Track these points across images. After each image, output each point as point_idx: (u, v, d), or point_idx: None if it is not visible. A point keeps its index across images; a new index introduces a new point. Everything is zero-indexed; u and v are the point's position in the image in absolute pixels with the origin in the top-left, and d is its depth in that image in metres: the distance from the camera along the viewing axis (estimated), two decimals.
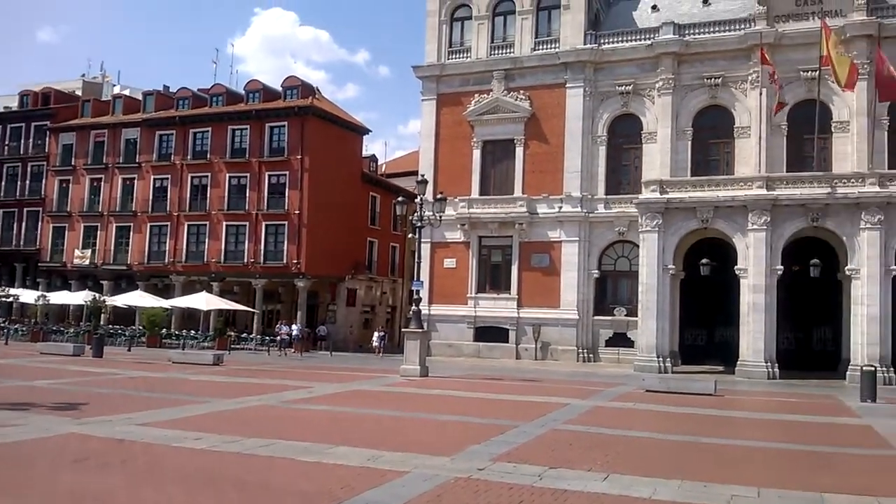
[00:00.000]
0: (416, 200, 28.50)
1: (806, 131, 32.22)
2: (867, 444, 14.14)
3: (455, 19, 40.02)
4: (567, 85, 36.79)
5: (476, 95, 38.36)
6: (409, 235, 31.74)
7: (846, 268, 28.90)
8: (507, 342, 36.53)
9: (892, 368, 27.23)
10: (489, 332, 36.96)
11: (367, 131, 52.35)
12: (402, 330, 31.07)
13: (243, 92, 49.46)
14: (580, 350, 35.24)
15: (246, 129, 46.83)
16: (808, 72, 32.37)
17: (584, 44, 36.53)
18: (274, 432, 12.49)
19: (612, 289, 36.38)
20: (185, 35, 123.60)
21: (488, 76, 38.15)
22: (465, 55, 39.32)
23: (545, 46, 37.74)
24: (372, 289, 51.23)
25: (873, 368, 22.05)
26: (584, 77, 36.42)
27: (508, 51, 38.34)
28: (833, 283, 30.77)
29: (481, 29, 39.03)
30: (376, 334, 40.75)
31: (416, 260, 29.32)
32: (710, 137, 35.20)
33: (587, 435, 14.07)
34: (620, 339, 34.88)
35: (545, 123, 37.11)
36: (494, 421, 15.28)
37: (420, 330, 26.61)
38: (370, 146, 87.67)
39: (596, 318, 35.63)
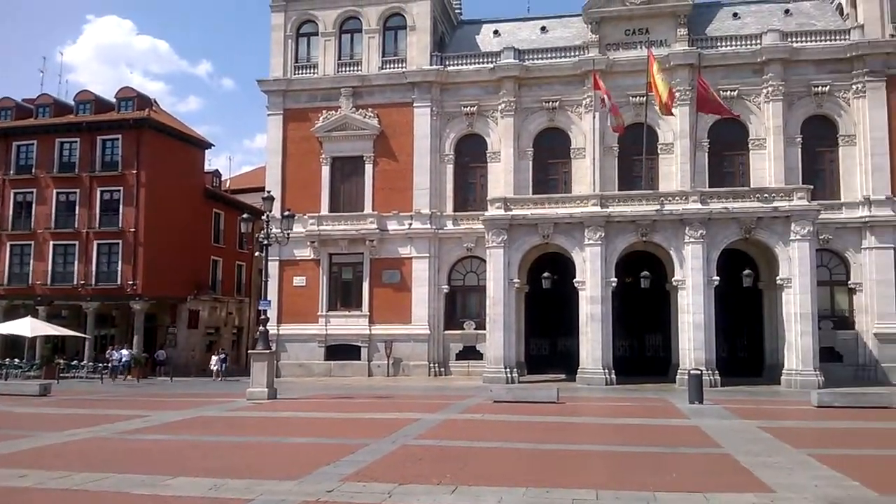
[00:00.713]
0: (262, 217, 27.77)
1: (635, 152, 34.48)
2: (695, 444, 15.21)
3: (301, 34, 39.57)
4: (415, 104, 37.32)
5: (324, 112, 38.05)
6: (257, 254, 30.84)
7: (673, 279, 31.12)
8: (359, 360, 36.28)
9: (716, 372, 29.52)
10: (341, 351, 36.56)
11: (209, 145, 50.54)
12: (249, 351, 30.08)
13: (73, 103, 46.27)
14: (432, 364, 35.63)
15: (76, 141, 43.79)
16: (636, 97, 34.69)
17: (430, 65, 37.23)
18: (106, 465, 11.67)
19: (461, 303, 37.11)
20: (7, 42, 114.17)
21: (336, 93, 37.97)
22: (312, 71, 38.93)
23: (392, 65, 38.12)
24: (216, 310, 49.31)
25: (699, 372, 23.82)
26: (431, 97, 37.10)
27: (356, 68, 38.37)
28: (662, 293, 33.03)
29: (328, 45, 38.83)
30: (214, 357, 38.94)
31: (263, 279, 28.57)
32: (550, 157, 36.84)
33: (438, 448, 14.20)
34: (470, 352, 35.60)
35: (394, 141, 37.43)
36: (345, 440, 15.10)
37: (267, 351, 25.90)
38: (214, 161, 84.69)
39: (447, 332, 36.18)
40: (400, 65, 37.90)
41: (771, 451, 13.66)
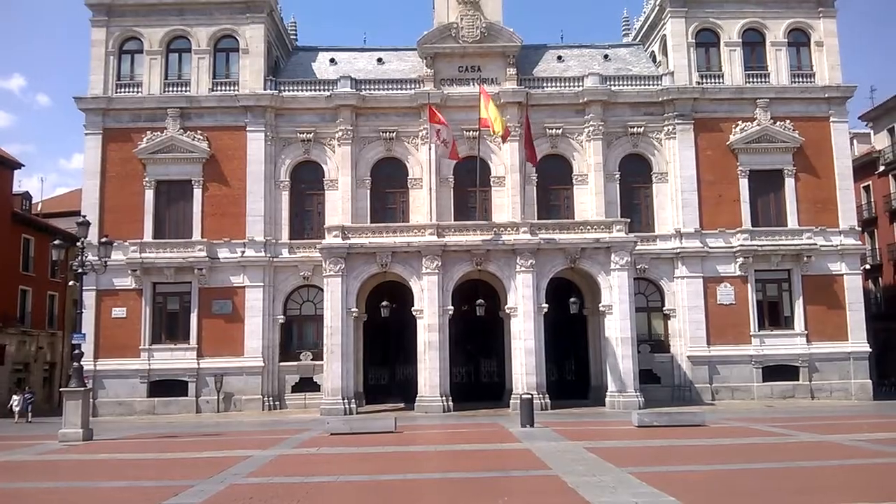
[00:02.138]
0: (78, 244, 25.68)
1: (469, 184, 35.46)
2: (526, 467, 15.60)
3: (124, 52, 37.35)
4: (248, 128, 36.23)
5: (149, 133, 36.01)
6: (71, 283, 28.38)
7: (506, 306, 32.11)
8: (187, 395, 34.25)
9: (546, 395, 30.64)
10: (166, 386, 34.34)
11: (18, 165, 46.29)
12: (61, 389, 27.52)
13: None
14: (266, 398, 34.31)
15: None
16: (469, 131, 35.67)
17: (265, 89, 36.38)
18: None
19: (298, 333, 36.16)
20: None
21: (162, 113, 36.09)
22: (135, 90, 36.80)
23: (224, 88, 36.86)
24: (26, 344, 44.89)
25: (531, 396, 24.59)
26: (266, 122, 36.21)
27: (184, 89, 36.72)
28: (497, 320, 33.99)
29: (154, 64, 36.93)
30: (16, 397, 35.11)
31: (77, 310, 26.36)
32: (388, 187, 37.04)
33: (269, 486, 13.60)
34: (307, 384, 34.68)
35: (225, 165, 36.08)
36: (168, 483, 14.11)
37: (81, 388, 23.87)
38: (24, 182, 77.58)
39: (282, 363, 35.05)
40: (232, 87, 36.75)
41: (596, 470, 14.25)
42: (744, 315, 35.28)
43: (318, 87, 37.20)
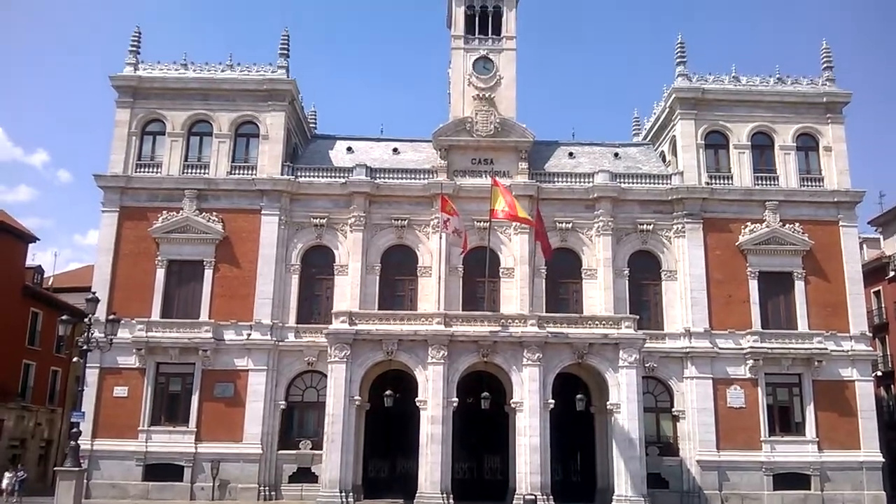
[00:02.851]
0: (85, 320, 25.67)
1: (478, 274, 35.52)
2: None
3: (147, 133, 38.22)
4: (263, 211, 36.69)
5: (164, 212, 36.48)
6: (75, 359, 28.20)
7: (511, 401, 31.60)
8: (182, 481, 33.41)
9: (550, 497, 29.70)
10: (161, 470, 33.55)
11: (33, 239, 46.85)
12: (55, 469, 26.94)
13: None
14: (262, 487, 33.40)
15: None
16: (480, 221, 35.98)
17: (282, 174, 37.03)
18: None
19: (298, 420, 35.48)
20: None
21: (179, 194, 36.67)
22: (155, 170, 37.52)
23: (242, 171, 37.53)
24: (24, 419, 44.28)
25: (533, 497, 23.93)
26: (281, 206, 36.70)
27: (203, 171, 37.40)
28: (502, 414, 33.36)
29: (175, 146, 37.76)
30: (8, 474, 34.28)
31: (79, 387, 26.13)
32: (397, 274, 37.15)
33: None
34: (305, 475, 33.75)
35: (238, 247, 36.36)
36: None
37: (76, 469, 23.40)
38: (38, 256, 78.18)
39: (280, 452, 34.29)
40: (250, 171, 37.43)
41: None
42: (754, 419, 34.57)
43: (333, 174, 37.84)
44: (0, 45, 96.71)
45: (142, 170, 37.59)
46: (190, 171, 37.54)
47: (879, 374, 45.43)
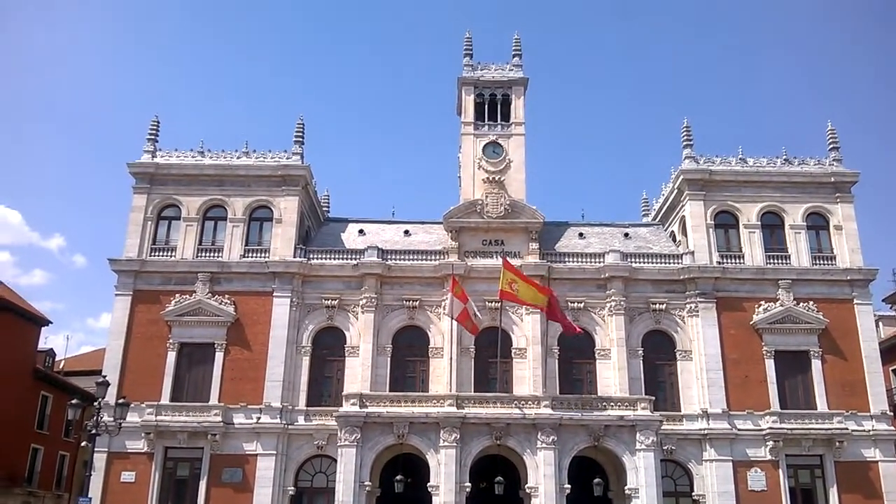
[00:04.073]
0: (95, 404, 25.51)
1: (490, 355, 35.26)
2: None
3: (162, 217, 38.86)
4: (275, 294, 36.87)
5: (178, 295, 36.71)
6: (84, 444, 27.90)
7: (526, 486, 30.83)
8: None
9: None
10: None
11: (46, 322, 47.03)
12: None
13: None
14: None
15: None
16: (491, 301, 35.97)
17: (294, 256, 37.39)
18: None
19: None
20: None
21: (192, 277, 36.98)
22: (169, 254, 37.96)
23: (255, 254, 37.91)
24: None
25: None
26: (293, 288, 36.90)
27: (216, 254, 37.80)
28: (516, 499, 32.44)
29: (189, 230, 38.29)
30: None
31: (86, 472, 25.73)
32: (408, 355, 36.93)
33: None
34: None
35: (249, 329, 36.38)
36: None
37: None
38: (51, 339, 78.31)
39: None
40: (263, 254, 37.81)
41: None
42: (776, 503, 33.44)
43: (345, 256, 38.16)
44: (19, 131, 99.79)
45: (156, 254, 38.04)
46: (204, 254, 37.93)
47: None
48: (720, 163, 39.70)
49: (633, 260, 37.81)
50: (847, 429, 34.13)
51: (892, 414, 37.28)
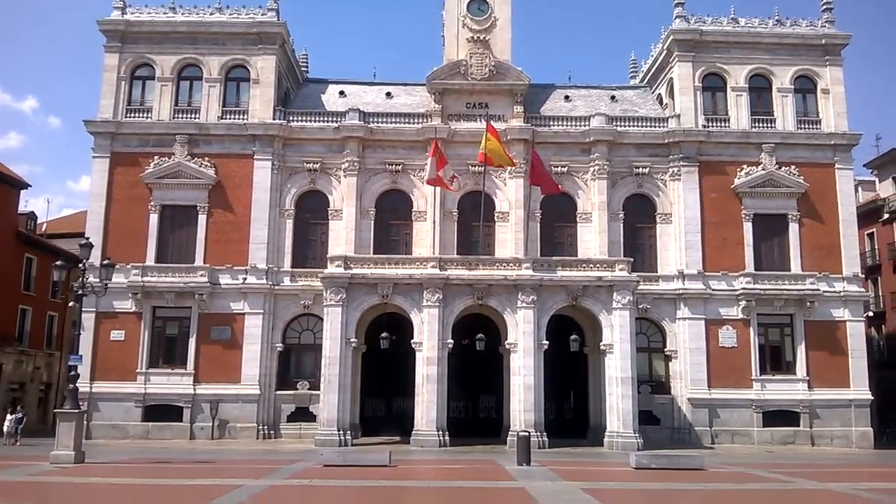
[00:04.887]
0: (80, 265, 25.69)
1: (473, 218, 35.48)
2: None
3: (136, 77, 37.75)
4: (255, 156, 36.45)
5: (156, 158, 36.22)
6: (71, 304, 28.35)
7: (506, 342, 31.93)
8: (182, 421, 33.94)
9: (544, 433, 30.26)
10: (161, 411, 34.05)
11: (25, 185, 46.54)
12: (55, 410, 27.29)
13: None
14: (261, 427, 33.97)
15: None
16: (475, 165, 35.74)
17: (274, 119, 36.67)
18: None
19: (296, 362, 35.92)
20: None
21: (170, 139, 36.36)
22: (145, 115, 37.12)
23: (233, 116, 37.14)
24: (22, 364, 44.64)
25: (527, 434, 24.35)
26: (273, 151, 36.43)
27: (194, 116, 37.02)
28: (496, 355, 33.77)
29: (165, 90, 37.28)
30: (10, 416, 34.57)
31: (76, 332, 26.30)
32: (392, 219, 37.12)
33: None
34: (303, 414, 34.37)
35: (231, 192, 36.23)
36: None
37: (75, 410, 23.68)
38: (31, 203, 77.82)
39: (278, 392, 34.78)
40: (241, 116, 37.04)
41: None
42: (745, 359, 35.03)
43: (326, 119, 37.48)
44: None
45: (132, 115, 37.20)
46: (180, 115, 37.14)
47: (871, 314, 45.86)
48: (711, 23, 38.57)
49: (618, 123, 37.42)
50: (819, 290, 35.19)
51: (863, 276, 38.45)
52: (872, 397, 35.51)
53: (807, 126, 37.64)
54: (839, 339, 35.46)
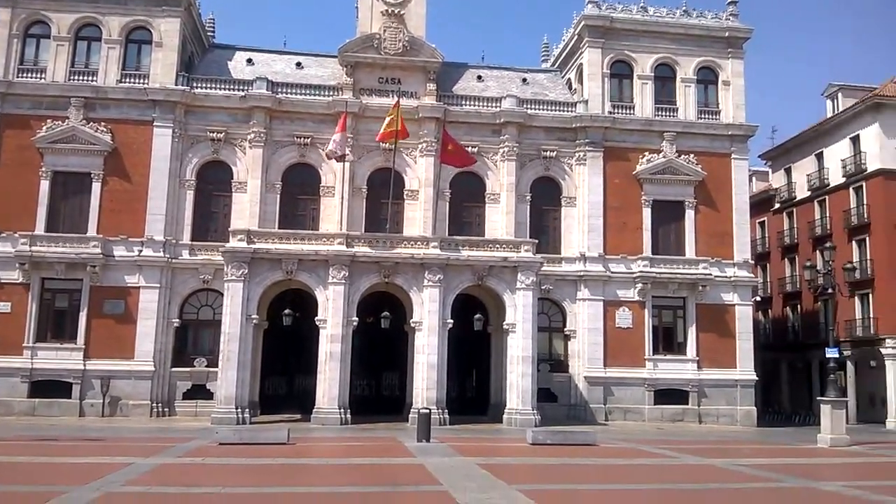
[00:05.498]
0: None
1: (382, 196, 35.21)
2: (417, 482, 15.50)
3: (30, 35, 35.51)
4: (155, 123, 34.93)
5: (49, 121, 34.24)
6: None
7: (411, 320, 32.00)
8: (71, 398, 32.50)
9: (445, 410, 30.61)
10: (48, 387, 32.47)
11: None
12: None
13: None
14: (155, 404, 32.91)
15: None
16: (386, 142, 35.41)
17: (176, 84, 35.21)
18: None
19: (193, 338, 34.90)
20: None
21: (65, 102, 34.42)
22: (39, 75, 35.00)
23: (133, 80, 35.48)
24: None
25: (428, 411, 24.58)
26: (174, 118, 35.02)
27: (91, 78, 35.17)
28: (401, 333, 33.79)
29: (60, 50, 35.22)
30: None
31: None
32: (299, 193, 36.40)
33: (147, 496, 13.03)
34: (199, 391, 33.49)
35: (128, 160, 34.66)
36: (38, 488, 13.32)
37: None
38: None
39: (174, 369, 33.74)
40: (142, 80, 35.41)
41: (486, 487, 14.28)
42: (640, 339, 36.35)
43: (232, 87, 36.30)
44: None
45: (24, 75, 35.02)
46: (77, 77, 35.22)
47: (759, 299, 48.52)
48: (621, 10, 39.40)
49: (528, 106, 37.82)
50: (711, 274, 36.80)
51: (753, 262, 40.46)
52: (757, 378, 37.57)
53: (707, 116, 39.10)
54: (728, 322, 37.25)
